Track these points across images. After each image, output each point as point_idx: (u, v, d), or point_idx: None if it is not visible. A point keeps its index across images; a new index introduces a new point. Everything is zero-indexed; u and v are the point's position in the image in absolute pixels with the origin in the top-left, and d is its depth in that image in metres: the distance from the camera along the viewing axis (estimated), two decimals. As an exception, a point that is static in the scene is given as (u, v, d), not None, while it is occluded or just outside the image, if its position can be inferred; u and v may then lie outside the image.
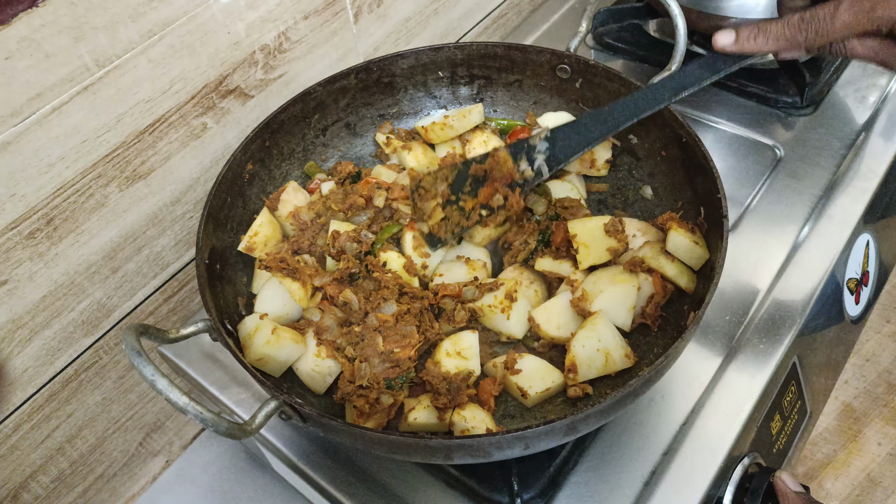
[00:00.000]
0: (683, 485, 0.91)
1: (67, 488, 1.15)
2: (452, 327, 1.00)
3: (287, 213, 1.08)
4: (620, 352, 0.93)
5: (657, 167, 1.11)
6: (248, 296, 1.03)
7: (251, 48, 1.09)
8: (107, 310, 1.07)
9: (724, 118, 1.36)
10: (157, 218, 1.08)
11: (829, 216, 1.19)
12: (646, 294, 0.98)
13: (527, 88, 1.22)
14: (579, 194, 1.12)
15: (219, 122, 1.10)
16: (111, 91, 0.93)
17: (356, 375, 0.91)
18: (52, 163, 0.90)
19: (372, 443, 0.80)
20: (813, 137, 1.31)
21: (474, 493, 0.94)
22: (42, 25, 0.82)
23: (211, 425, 0.68)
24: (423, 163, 1.15)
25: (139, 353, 0.68)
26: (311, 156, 1.18)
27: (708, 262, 0.97)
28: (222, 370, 1.09)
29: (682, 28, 1.07)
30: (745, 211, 1.21)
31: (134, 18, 0.91)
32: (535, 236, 1.07)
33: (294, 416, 0.80)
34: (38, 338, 0.99)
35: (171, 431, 1.30)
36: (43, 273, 0.96)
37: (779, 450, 1.10)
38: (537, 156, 1.03)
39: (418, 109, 1.25)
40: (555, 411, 0.94)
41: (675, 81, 0.93)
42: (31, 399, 1.02)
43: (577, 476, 0.93)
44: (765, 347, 1.03)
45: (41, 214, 0.92)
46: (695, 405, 0.98)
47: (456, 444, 0.76)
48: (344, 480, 0.96)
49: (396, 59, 1.18)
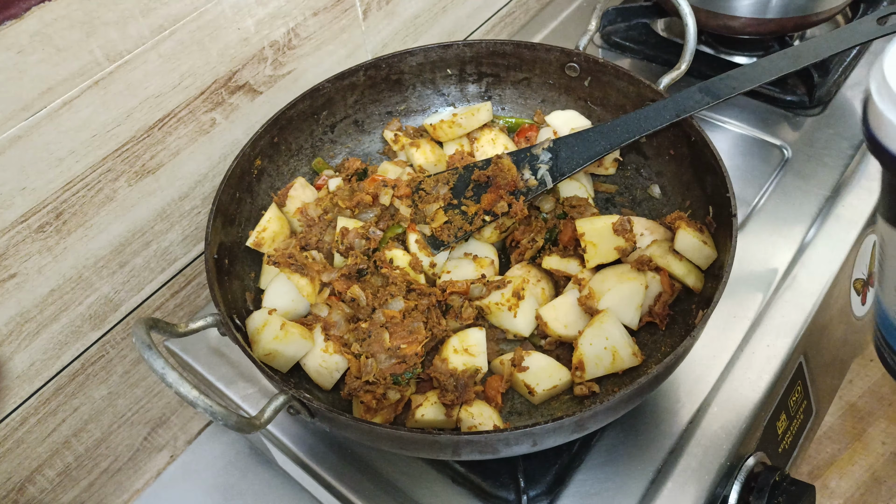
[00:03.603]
0: (689, 483, 0.91)
1: (73, 482, 1.16)
2: (459, 324, 1.00)
3: (295, 210, 1.08)
4: (628, 350, 0.93)
5: (665, 166, 1.11)
6: (256, 291, 1.03)
7: (260, 44, 1.10)
8: (114, 304, 1.08)
9: (732, 117, 1.36)
10: (166, 213, 1.08)
11: (836, 216, 1.19)
12: (653, 293, 0.98)
13: (535, 87, 1.22)
14: (587, 193, 1.12)
15: (228, 118, 1.10)
16: (121, 86, 0.93)
17: (363, 371, 0.91)
18: (62, 157, 0.90)
19: (380, 438, 0.80)
20: (821, 138, 1.31)
21: (480, 489, 0.94)
22: (54, 20, 0.82)
23: (220, 419, 0.68)
24: (431, 160, 1.16)
25: (149, 346, 0.68)
26: (319, 152, 1.18)
27: (716, 262, 0.97)
28: (229, 365, 1.09)
29: (692, 27, 1.07)
30: (752, 211, 1.21)
31: (144, 14, 0.91)
32: (542, 234, 1.07)
33: (302, 411, 0.80)
34: (46, 331, 0.99)
35: (176, 426, 1.31)
36: (51, 267, 0.96)
37: (784, 449, 1.10)
38: (540, 166, 1.04)
39: (426, 107, 1.25)
40: (561, 409, 0.94)
41: (677, 104, 1.00)
42: (38, 392, 1.02)
43: (583, 473, 0.93)
44: (771, 347, 1.03)
45: (51, 208, 0.92)
46: (701, 404, 0.98)
47: (464, 440, 0.76)
48: (349, 476, 0.97)
49: (405, 57, 1.18)
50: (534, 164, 1.06)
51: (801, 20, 1.30)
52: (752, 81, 1.00)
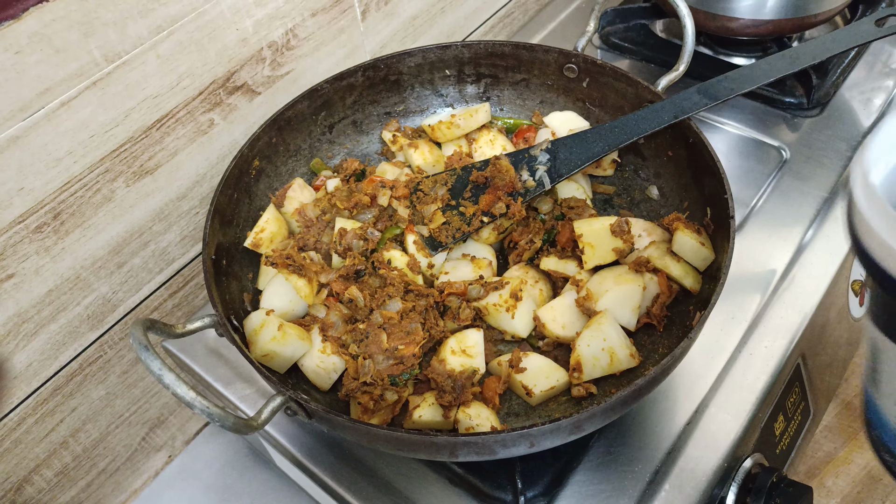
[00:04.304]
0: (686, 484, 0.91)
1: (71, 482, 1.16)
2: (457, 325, 1.00)
3: (293, 210, 1.08)
4: (625, 351, 0.93)
5: (663, 167, 1.11)
6: (254, 292, 1.03)
7: (259, 45, 1.10)
8: (112, 305, 1.08)
9: (731, 119, 1.36)
10: (164, 213, 1.08)
11: (834, 218, 1.19)
12: (651, 294, 0.98)
13: (534, 87, 1.22)
14: (585, 194, 1.12)
15: (226, 119, 1.10)
16: (119, 86, 0.93)
17: (360, 372, 0.91)
18: (60, 157, 0.90)
19: (377, 439, 0.80)
20: (819, 139, 1.31)
21: (478, 490, 0.94)
22: (52, 20, 0.82)
23: (218, 420, 0.68)
24: (430, 161, 1.16)
25: (147, 347, 0.68)
26: (318, 153, 1.18)
27: (714, 263, 0.97)
28: (226, 366, 1.09)
29: (691, 28, 1.07)
30: (750, 212, 1.21)
31: (143, 14, 0.91)
32: (540, 235, 1.07)
33: (300, 412, 0.80)
34: (44, 332, 0.99)
35: (174, 427, 1.31)
36: (49, 267, 0.96)
37: (782, 450, 1.10)
38: (538, 167, 1.04)
39: (425, 107, 1.25)
40: (559, 410, 0.94)
41: (676, 105, 1.01)
42: (36, 393, 1.02)
43: (581, 475, 0.93)
44: (769, 348, 1.03)
45: (48, 209, 0.92)
46: (699, 405, 0.98)
47: (462, 441, 0.76)
48: (346, 476, 0.97)
49: (404, 57, 1.18)
50: (532, 166, 1.06)
51: (799, 22, 1.30)
52: (751, 83, 1.00)
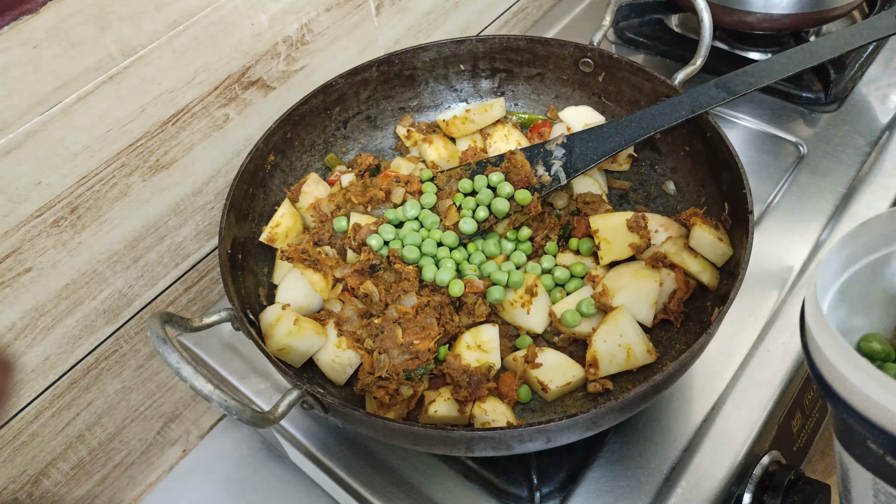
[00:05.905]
0: (703, 482, 0.91)
1: (86, 476, 1.16)
2: (472, 321, 1.00)
3: (308, 205, 1.08)
4: (642, 347, 0.92)
5: (680, 162, 1.10)
6: (270, 286, 1.03)
7: (274, 40, 1.09)
8: (128, 299, 1.08)
9: (747, 114, 1.35)
10: (179, 208, 1.09)
11: (852, 214, 1.18)
12: (668, 290, 0.97)
13: (549, 82, 1.21)
14: (601, 189, 1.11)
15: (241, 114, 1.10)
16: (135, 81, 0.93)
17: (375, 367, 0.91)
18: (77, 152, 0.91)
19: (393, 433, 0.80)
20: (837, 134, 1.30)
21: (493, 486, 0.93)
22: (69, 15, 0.82)
23: (235, 413, 0.68)
24: (444, 156, 1.15)
25: (164, 340, 0.68)
26: (332, 148, 1.18)
27: (731, 259, 0.96)
28: (241, 360, 1.09)
29: (708, 22, 1.06)
30: (767, 208, 1.20)
31: (159, 9, 0.92)
32: (556, 231, 1.07)
33: (316, 406, 0.80)
34: (61, 325, 1.00)
35: (189, 421, 1.31)
36: (66, 261, 0.96)
37: (799, 448, 1.09)
38: (554, 162, 1.04)
39: (439, 102, 1.24)
40: (575, 406, 0.94)
41: (692, 100, 1.00)
42: (53, 386, 1.02)
43: (596, 471, 0.93)
44: (787, 345, 1.03)
45: (65, 203, 0.92)
46: (716, 402, 0.98)
47: (478, 436, 0.76)
48: (361, 471, 0.97)
49: (418, 52, 1.17)
50: (547, 160, 1.06)
51: (817, 16, 1.29)
52: (768, 77, 0.99)
